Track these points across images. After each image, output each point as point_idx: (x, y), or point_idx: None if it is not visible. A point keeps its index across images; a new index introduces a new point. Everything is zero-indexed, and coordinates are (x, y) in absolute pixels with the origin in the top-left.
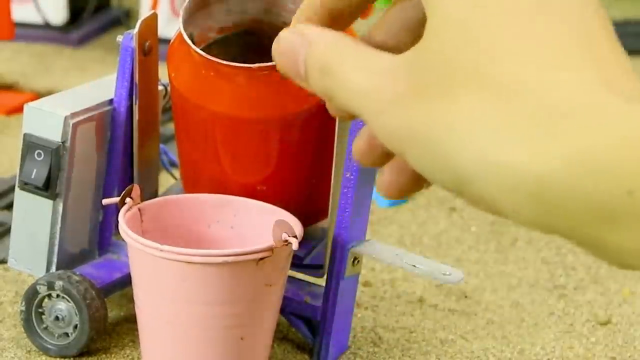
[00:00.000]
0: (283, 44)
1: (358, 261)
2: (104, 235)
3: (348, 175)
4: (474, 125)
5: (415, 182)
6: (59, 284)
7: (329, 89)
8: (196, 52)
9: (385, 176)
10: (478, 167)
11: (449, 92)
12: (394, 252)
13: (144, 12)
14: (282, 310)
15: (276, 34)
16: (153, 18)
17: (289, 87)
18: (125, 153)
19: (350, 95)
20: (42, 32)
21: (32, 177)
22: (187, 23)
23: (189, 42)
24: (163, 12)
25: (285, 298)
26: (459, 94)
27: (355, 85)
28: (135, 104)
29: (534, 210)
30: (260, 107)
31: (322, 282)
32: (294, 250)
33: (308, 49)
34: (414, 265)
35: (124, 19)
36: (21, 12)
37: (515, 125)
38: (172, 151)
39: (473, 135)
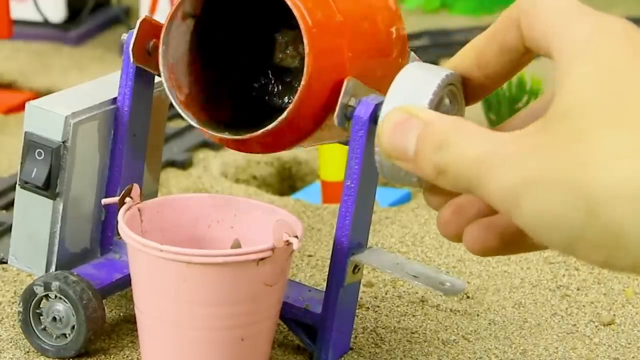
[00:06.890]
0: (393, 124)
1: (359, 269)
2: (105, 235)
3: (349, 184)
4: (608, 156)
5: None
6: (55, 284)
7: (442, 163)
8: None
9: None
10: (611, 190)
11: (582, 136)
12: (394, 260)
13: (144, 10)
14: (283, 317)
15: None
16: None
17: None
18: (128, 153)
19: (466, 162)
20: (41, 30)
21: (33, 176)
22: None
23: (184, 115)
24: (163, 10)
25: (285, 304)
26: (593, 135)
27: (472, 152)
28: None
29: None
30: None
31: (323, 287)
32: (295, 250)
33: (423, 129)
34: (415, 276)
35: (124, 17)
36: (20, 10)
37: None
38: (172, 150)
39: (608, 165)
